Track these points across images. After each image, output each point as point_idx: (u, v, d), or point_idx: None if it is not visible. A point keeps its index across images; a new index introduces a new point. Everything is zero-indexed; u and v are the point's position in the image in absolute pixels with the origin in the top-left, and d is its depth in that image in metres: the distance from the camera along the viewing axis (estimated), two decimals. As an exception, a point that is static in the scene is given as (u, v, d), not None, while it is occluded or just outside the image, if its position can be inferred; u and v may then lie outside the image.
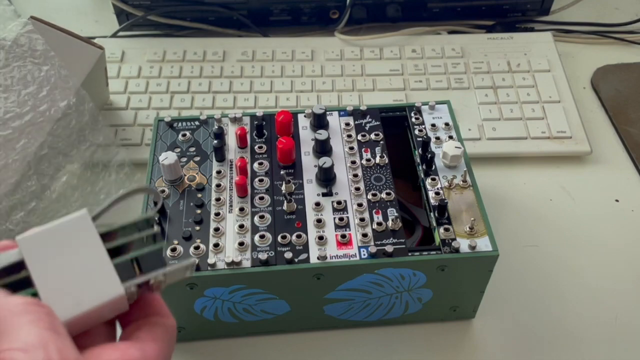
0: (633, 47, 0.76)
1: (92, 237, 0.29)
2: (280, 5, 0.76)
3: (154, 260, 0.29)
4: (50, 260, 0.28)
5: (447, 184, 0.48)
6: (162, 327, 0.30)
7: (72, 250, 0.28)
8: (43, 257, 0.28)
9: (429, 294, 0.47)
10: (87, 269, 0.28)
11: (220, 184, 0.48)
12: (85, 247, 0.28)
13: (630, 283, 0.54)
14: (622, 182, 0.62)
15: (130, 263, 0.29)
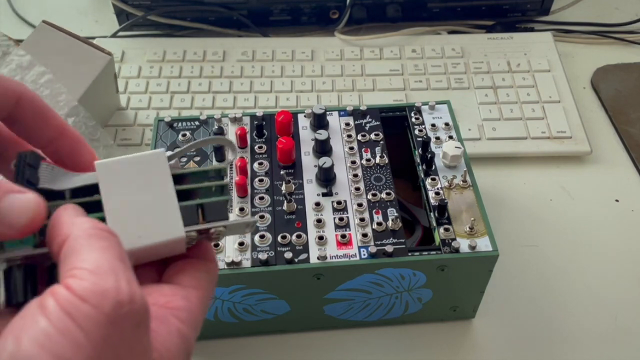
0: (633, 47, 0.76)
1: (165, 175, 0.29)
2: (280, 5, 0.76)
3: (218, 211, 0.30)
4: (122, 190, 0.29)
5: (447, 184, 0.48)
6: (206, 273, 0.30)
7: (143, 184, 0.29)
8: (116, 185, 0.29)
9: (429, 294, 0.47)
10: (155, 205, 0.29)
11: None
12: (156, 183, 0.29)
13: (630, 283, 0.54)
14: (622, 182, 0.62)
15: (195, 208, 0.29)
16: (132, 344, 0.22)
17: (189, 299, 0.28)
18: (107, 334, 0.21)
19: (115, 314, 0.21)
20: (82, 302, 0.21)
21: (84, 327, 0.21)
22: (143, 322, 0.23)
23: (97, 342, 0.21)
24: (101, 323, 0.21)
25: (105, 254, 0.23)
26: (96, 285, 0.22)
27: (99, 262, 0.23)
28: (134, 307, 0.22)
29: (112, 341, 0.21)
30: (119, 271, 0.23)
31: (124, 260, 0.24)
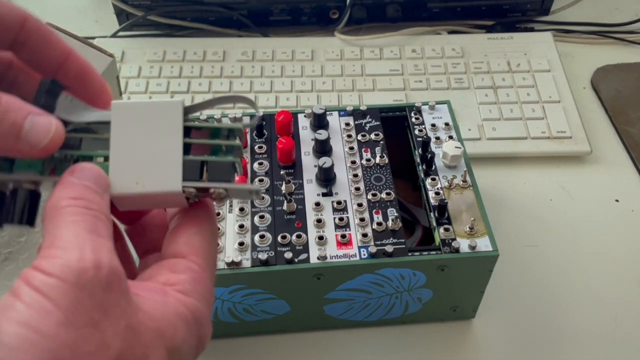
0: (633, 47, 0.76)
1: (176, 126, 0.29)
2: (280, 5, 0.76)
3: (222, 171, 0.29)
4: (131, 133, 0.29)
5: (447, 184, 0.48)
6: (200, 235, 0.29)
7: (153, 131, 0.29)
8: (127, 127, 0.29)
9: (429, 294, 0.47)
10: (159, 154, 0.29)
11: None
12: (166, 132, 0.29)
13: (630, 283, 0.54)
14: (622, 182, 0.62)
15: (199, 165, 0.29)
16: (105, 306, 0.23)
17: (190, 269, 0.28)
18: (75, 299, 0.23)
19: (80, 280, 0.23)
20: (48, 277, 0.23)
21: (52, 297, 0.22)
22: (114, 285, 0.24)
23: (66, 308, 0.22)
24: (67, 291, 0.23)
25: (74, 228, 0.25)
26: (61, 259, 0.23)
27: (66, 238, 0.24)
28: (100, 272, 0.23)
29: (81, 306, 0.23)
30: (84, 243, 0.24)
31: (94, 230, 0.25)
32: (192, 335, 0.27)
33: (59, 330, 0.22)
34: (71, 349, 0.22)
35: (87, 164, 0.28)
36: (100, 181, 0.28)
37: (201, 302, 0.28)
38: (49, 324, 0.22)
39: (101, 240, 0.25)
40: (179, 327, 0.26)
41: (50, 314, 0.22)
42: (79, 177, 0.27)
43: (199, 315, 0.27)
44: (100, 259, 0.24)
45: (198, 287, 0.28)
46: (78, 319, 0.23)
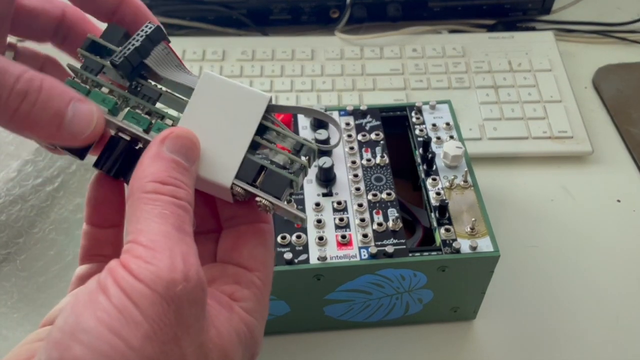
0: (635, 47, 0.76)
1: (254, 119, 0.28)
2: (280, 5, 0.76)
3: (275, 184, 0.28)
4: (210, 108, 0.29)
5: (447, 184, 0.48)
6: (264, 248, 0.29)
7: (230, 115, 0.28)
8: (208, 100, 0.29)
9: (429, 295, 0.47)
10: (226, 141, 0.28)
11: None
12: (241, 122, 0.28)
13: (632, 283, 0.54)
14: (624, 182, 0.62)
15: (258, 168, 0.28)
16: (188, 322, 0.23)
17: (254, 284, 0.28)
18: (162, 312, 0.22)
19: (168, 293, 0.22)
20: (137, 282, 0.22)
21: (140, 306, 0.22)
22: (199, 300, 0.23)
23: (153, 321, 0.22)
24: (155, 302, 0.22)
25: (161, 224, 0.24)
26: (151, 266, 0.22)
27: (154, 236, 0.23)
28: (187, 286, 0.23)
29: (167, 320, 0.22)
30: (174, 246, 0.23)
31: (181, 228, 0.24)
32: (248, 353, 0.27)
33: (145, 344, 0.22)
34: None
35: (183, 130, 0.27)
36: (191, 153, 0.27)
37: (259, 321, 0.28)
38: (137, 335, 0.21)
39: (189, 242, 0.24)
40: (239, 347, 0.26)
41: (139, 325, 0.22)
42: (171, 148, 0.26)
43: (256, 334, 0.27)
44: (189, 270, 0.23)
45: (259, 305, 0.28)
46: (163, 334, 0.22)
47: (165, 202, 0.25)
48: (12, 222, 0.52)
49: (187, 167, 0.26)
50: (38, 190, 0.54)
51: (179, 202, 0.25)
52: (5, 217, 0.51)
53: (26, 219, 0.53)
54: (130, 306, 0.22)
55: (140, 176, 0.25)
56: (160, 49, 0.30)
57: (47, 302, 0.50)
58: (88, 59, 0.30)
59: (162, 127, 0.29)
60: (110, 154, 0.29)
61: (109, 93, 0.29)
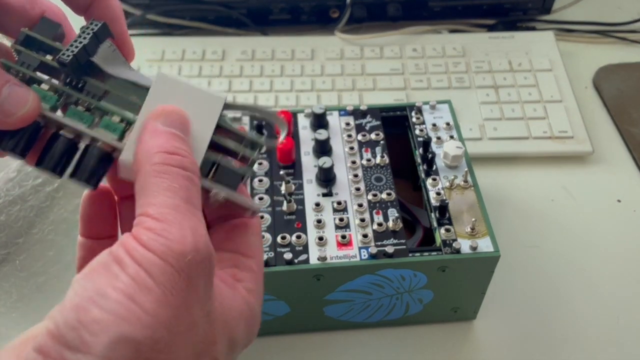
0: (635, 47, 0.76)
1: (212, 120, 0.29)
2: (280, 4, 0.76)
3: (228, 178, 0.29)
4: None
5: (448, 184, 0.48)
6: (255, 236, 0.30)
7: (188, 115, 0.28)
8: (164, 101, 0.28)
9: (429, 295, 0.47)
10: None
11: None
12: (199, 123, 0.28)
13: (632, 284, 0.54)
14: (624, 183, 0.62)
15: (211, 163, 0.29)
16: (197, 290, 0.24)
17: (251, 268, 0.29)
18: (173, 279, 0.23)
19: (178, 263, 0.23)
20: (149, 253, 0.23)
21: (152, 274, 0.23)
22: (207, 271, 0.24)
23: (165, 287, 0.23)
24: (166, 270, 0.23)
25: (170, 197, 0.25)
26: (162, 239, 0.23)
27: (164, 209, 0.24)
28: (197, 257, 0.24)
29: (178, 286, 0.23)
30: (183, 218, 0.24)
31: (190, 201, 0.25)
32: (248, 332, 0.28)
33: (157, 308, 0.23)
34: (167, 329, 0.23)
35: (171, 106, 0.28)
36: (183, 125, 0.28)
37: (257, 302, 0.29)
38: (150, 300, 0.23)
39: (198, 215, 0.25)
40: (241, 322, 0.27)
41: (152, 291, 0.23)
42: (165, 122, 0.27)
43: (255, 314, 0.28)
44: (198, 242, 0.24)
45: (257, 287, 0.29)
46: (175, 300, 0.23)
47: (174, 174, 0.25)
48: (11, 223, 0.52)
49: (184, 139, 0.27)
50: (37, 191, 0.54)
51: (187, 174, 0.26)
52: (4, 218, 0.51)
53: (25, 219, 0.53)
54: (143, 274, 0.23)
55: (146, 148, 0.26)
56: (107, 47, 0.30)
57: (46, 302, 0.50)
58: (24, 54, 0.29)
59: (110, 123, 0.29)
60: (52, 152, 0.29)
61: (50, 90, 0.29)
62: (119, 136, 0.28)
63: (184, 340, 0.24)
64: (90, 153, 0.28)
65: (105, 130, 0.28)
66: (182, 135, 0.27)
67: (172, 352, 0.23)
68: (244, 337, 0.28)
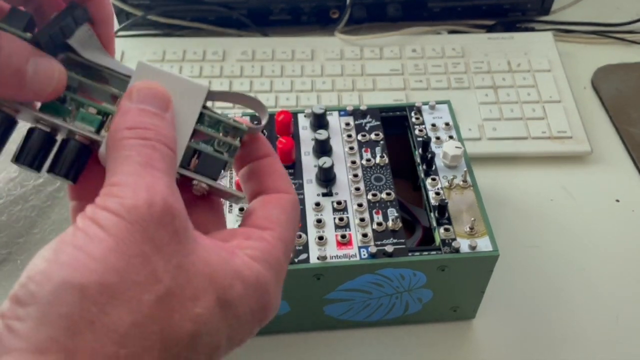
0: (634, 47, 0.76)
1: (194, 109, 0.28)
2: (280, 5, 0.76)
3: (210, 167, 0.29)
4: None
5: (447, 184, 0.48)
6: (280, 209, 0.29)
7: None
8: None
9: (429, 294, 0.47)
10: None
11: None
12: (182, 113, 0.28)
13: (631, 283, 0.54)
14: (623, 182, 0.62)
15: (192, 152, 0.29)
16: (157, 242, 0.24)
17: (263, 239, 0.28)
18: (126, 230, 0.23)
19: (132, 217, 0.23)
20: (102, 210, 0.24)
21: (104, 226, 0.23)
22: (167, 223, 0.24)
23: (117, 237, 0.23)
24: (119, 223, 0.23)
25: (128, 164, 0.25)
26: (114, 197, 0.24)
27: (121, 176, 0.25)
28: (152, 209, 0.24)
29: (132, 237, 0.23)
30: (138, 179, 0.24)
31: (148, 164, 0.25)
32: (252, 298, 0.26)
33: (108, 255, 0.22)
34: (119, 275, 0.22)
35: (144, 82, 0.28)
36: (158, 100, 0.27)
37: (268, 271, 0.27)
38: (100, 248, 0.23)
39: (156, 175, 0.25)
40: (236, 284, 0.25)
41: (102, 241, 0.23)
42: (136, 100, 0.27)
43: (263, 282, 0.26)
44: (153, 196, 0.24)
45: (267, 256, 0.27)
46: (128, 249, 0.23)
47: (131, 145, 0.25)
48: (13, 222, 0.52)
49: (157, 113, 0.27)
50: (39, 191, 0.54)
51: (146, 142, 0.26)
52: (6, 217, 0.52)
53: (27, 219, 0.53)
54: (94, 227, 0.23)
55: (112, 130, 0.26)
56: (85, 31, 0.29)
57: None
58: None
59: (86, 116, 0.28)
60: (28, 147, 0.28)
61: None
62: (95, 128, 0.28)
63: (143, 289, 0.23)
64: (68, 146, 0.28)
65: (82, 122, 0.28)
66: (151, 108, 0.27)
67: (129, 299, 0.22)
68: (247, 302, 0.26)
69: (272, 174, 0.30)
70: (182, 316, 0.24)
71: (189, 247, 0.25)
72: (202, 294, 0.24)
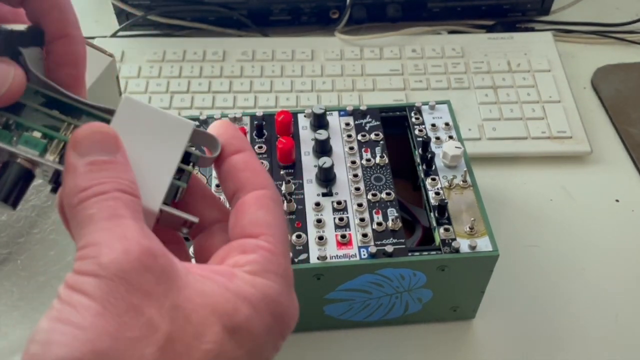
0: (633, 47, 0.76)
1: (179, 146, 0.28)
2: (280, 5, 0.76)
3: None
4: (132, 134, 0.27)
5: (447, 184, 0.48)
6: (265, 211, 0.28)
7: (155, 141, 0.28)
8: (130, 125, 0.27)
9: (429, 294, 0.47)
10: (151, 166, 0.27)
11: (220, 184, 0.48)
12: (165, 149, 0.27)
13: (631, 283, 0.54)
14: (623, 182, 0.62)
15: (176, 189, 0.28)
16: (145, 289, 0.23)
17: (259, 248, 0.26)
18: (109, 288, 0.22)
19: (110, 271, 0.22)
20: (81, 276, 0.23)
21: (86, 292, 0.22)
22: (150, 267, 0.23)
23: (102, 298, 0.22)
24: (100, 283, 0.22)
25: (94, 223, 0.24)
26: (90, 259, 0.23)
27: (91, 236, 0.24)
28: (129, 258, 0.23)
29: (117, 293, 0.22)
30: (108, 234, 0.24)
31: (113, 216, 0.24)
32: (264, 315, 0.25)
33: (96, 320, 0.22)
34: (112, 337, 0.22)
35: (87, 127, 0.26)
36: (105, 144, 0.26)
37: (274, 281, 0.25)
38: (85, 315, 0.22)
39: (125, 223, 0.24)
40: (240, 306, 0.24)
41: (87, 308, 0.22)
42: (82, 151, 0.26)
43: (272, 293, 0.25)
44: (128, 245, 0.23)
45: (269, 265, 0.26)
46: (116, 307, 0.22)
47: (90, 204, 0.24)
48: (13, 222, 0.52)
49: (107, 161, 0.26)
50: (39, 191, 0.54)
51: (104, 196, 0.25)
52: (6, 217, 0.52)
53: (27, 219, 0.53)
54: (76, 295, 0.22)
55: (65, 195, 0.25)
56: (37, 51, 0.28)
57: (47, 301, 0.50)
58: None
59: (30, 139, 0.27)
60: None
61: None
62: (40, 152, 0.27)
63: (142, 344, 0.22)
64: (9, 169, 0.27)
65: (25, 146, 0.27)
66: (104, 157, 0.26)
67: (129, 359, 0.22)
68: (259, 321, 0.24)
69: (246, 170, 0.29)
70: (190, 358, 0.22)
71: (180, 282, 0.24)
72: (206, 329, 0.23)
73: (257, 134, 0.51)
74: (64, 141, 0.28)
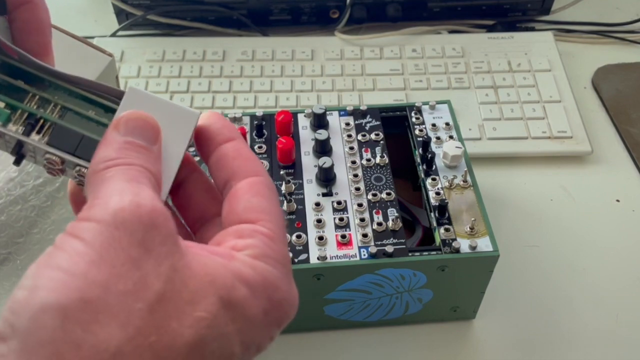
0: (634, 47, 0.76)
1: (185, 136, 0.28)
2: (280, 5, 0.76)
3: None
4: None
5: (447, 184, 0.48)
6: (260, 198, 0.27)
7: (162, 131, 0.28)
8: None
9: (429, 295, 0.47)
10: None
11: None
12: (172, 139, 0.27)
13: (631, 283, 0.54)
14: (623, 182, 0.62)
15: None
16: (147, 244, 0.22)
17: (257, 231, 0.25)
18: (110, 236, 0.22)
19: (116, 219, 0.22)
20: (84, 222, 0.22)
21: (85, 239, 0.22)
22: (158, 224, 0.23)
23: (100, 246, 0.21)
24: (102, 230, 0.22)
25: (112, 182, 0.24)
26: (99, 206, 0.22)
27: (105, 191, 0.23)
28: (140, 210, 0.22)
29: (117, 243, 0.22)
30: (124, 189, 0.23)
31: (134, 179, 0.24)
32: (262, 298, 0.24)
33: (88, 268, 0.21)
34: (103, 287, 0.21)
35: (134, 112, 0.26)
36: (147, 132, 0.26)
37: (274, 266, 0.25)
38: (78, 262, 0.21)
39: (142, 187, 0.24)
40: (239, 286, 0.23)
41: (82, 255, 0.21)
42: (123, 131, 0.26)
43: (272, 278, 0.24)
44: (141, 199, 0.23)
45: (269, 250, 0.25)
46: (113, 257, 0.21)
47: (113, 170, 0.24)
48: (12, 222, 0.52)
49: (144, 146, 0.26)
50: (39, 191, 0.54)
51: (129, 167, 0.24)
52: (5, 217, 0.52)
53: (27, 219, 0.53)
54: (73, 241, 0.22)
55: (93, 163, 0.25)
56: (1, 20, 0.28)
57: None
58: None
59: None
60: None
61: None
62: (3, 121, 0.27)
63: (133, 298, 0.21)
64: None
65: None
66: (141, 142, 0.26)
67: (117, 313, 0.21)
68: (255, 303, 0.24)
69: (237, 157, 0.28)
70: (180, 323, 0.22)
71: (182, 249, 0.23)
72: (202, 297, 0.22)
73: (257, 133, 0.51)
74: (28, 112, 0.27)
